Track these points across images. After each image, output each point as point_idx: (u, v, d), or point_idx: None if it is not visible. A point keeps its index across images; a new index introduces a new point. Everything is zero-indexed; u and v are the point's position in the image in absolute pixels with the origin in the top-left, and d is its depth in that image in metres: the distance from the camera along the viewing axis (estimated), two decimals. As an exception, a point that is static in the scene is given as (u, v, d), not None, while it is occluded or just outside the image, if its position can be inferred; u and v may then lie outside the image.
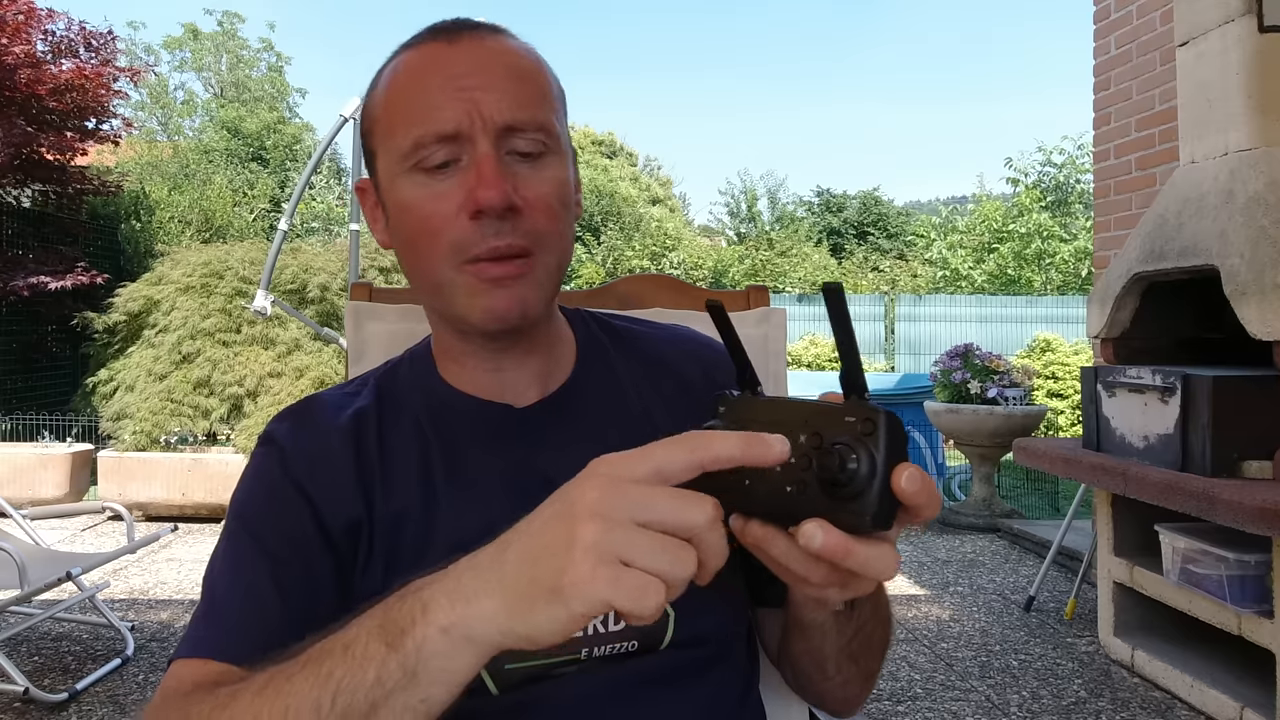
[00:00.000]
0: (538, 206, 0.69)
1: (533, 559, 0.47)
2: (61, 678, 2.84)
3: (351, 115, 3.95)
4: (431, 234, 0.68)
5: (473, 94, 0.67)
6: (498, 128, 0.67)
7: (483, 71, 0.68)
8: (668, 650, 0.70)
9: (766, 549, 0.54)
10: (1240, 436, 2.47)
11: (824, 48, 71.61)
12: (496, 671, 0.66)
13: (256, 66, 24.97)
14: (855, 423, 0.49)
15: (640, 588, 0.43)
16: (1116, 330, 3.11)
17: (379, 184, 0.74)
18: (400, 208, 0.70)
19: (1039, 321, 10.89)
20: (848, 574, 0.52)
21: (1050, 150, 16.73)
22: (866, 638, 0.72)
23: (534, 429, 0.75)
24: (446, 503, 0.71)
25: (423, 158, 0.67)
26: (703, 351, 0.85)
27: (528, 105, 0.69)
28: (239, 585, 0.67)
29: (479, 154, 0.66)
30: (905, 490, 0.48)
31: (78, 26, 7.71)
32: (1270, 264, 2.45)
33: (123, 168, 10.48)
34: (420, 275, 0.72)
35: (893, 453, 0.49)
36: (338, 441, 0.73)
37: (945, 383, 5.24)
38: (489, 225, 0.67)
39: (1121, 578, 3.05)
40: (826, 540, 0.49)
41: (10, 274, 6.73)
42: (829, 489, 0.49)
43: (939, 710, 2.72)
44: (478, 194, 0.65)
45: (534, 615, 0.46)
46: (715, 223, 23.48)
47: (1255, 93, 2.68)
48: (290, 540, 0.68)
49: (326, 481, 0.71)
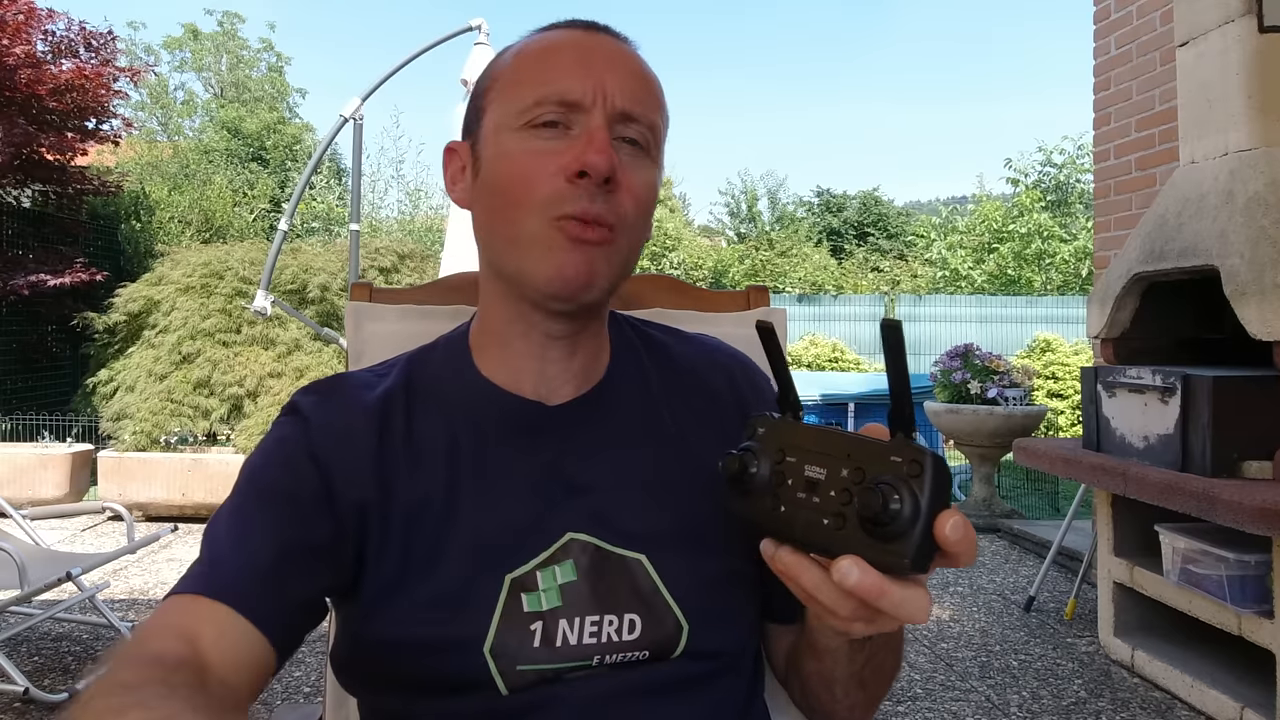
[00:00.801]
0: (630, 191, 0.71)
1: None
2: (61, 678, 2.84)
3: (352, 115, 3.94)
4: (527, 184, 0.69)
5: (601, 74, 0.70)
6: (616, 110, 0.70)
7: (613, 60, 0.72)
8: (678, 660, 0.70)
9: (796, 578, 0.53)
10: (1240, 436, 2.47)
11: (825, 48, 71.67)
12: (507, 671, 0.66)
13: (256, 66, 24.97)
14: (901, 463, 0.48)
15: None
16: (1116, 330, 3.11)
17: (479, 140, 0.74)
18: (500, 158, 0.71)
19: (1039, 321, 10.89)
20: (876, 612, 0.52)
21: (1050, 150, 16.75)
22: (878, 665, 0.72)
23: (565, 428, 0.75)
24: (469, 499, 0.71)
25: (537, 116, 0.70)
26: (729, 363, 0.85)
27: (644, 102, 0.72)
28: (236, 534, 0.67)
29: (592, 125, 0.69)
30: (949, 539, 0.48)
31: (78, 26, 7.71)
32: (1270, 264, 2.45)
33: (123, 168, 10.47)
34: (501, 227, 0.72)
35: (937, 497, 0.48)
36: (362, 421, 0.72)
37: (945, 383, 5.24)
38: (585, 190, 0.68)
39: (1121, 578, 3.05)
40: (862, 579, 0.48)
41: (10, 274, 6.73)
42: (868, 527, 0.48)
43: (939, 710, 2.72)
44: (587, 156, 0.67)
45: None
46: (715, 223, 23.47)
47: (1255, 93, 2.68)
48: (295, 503, 0.68)
49: (345, 458, 0.70)
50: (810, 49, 71.30)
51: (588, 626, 0.68)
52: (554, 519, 0.71)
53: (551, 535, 0.70)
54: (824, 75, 72.89)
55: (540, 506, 0.71)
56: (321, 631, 0.67)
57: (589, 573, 0.69)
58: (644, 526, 0.72)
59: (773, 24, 70.66)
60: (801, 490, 0.53)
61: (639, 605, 0.69)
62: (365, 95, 3.99)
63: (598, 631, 0.68)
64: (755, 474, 0.56)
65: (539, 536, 0.70)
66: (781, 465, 0.55)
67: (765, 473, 0.56)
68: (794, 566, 0.53)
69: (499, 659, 0.66)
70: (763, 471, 0.56)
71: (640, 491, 0.74)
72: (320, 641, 3.33)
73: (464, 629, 0.67)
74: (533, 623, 0.67)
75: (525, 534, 0.70)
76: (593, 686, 0.68)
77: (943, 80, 76.11)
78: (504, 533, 0.70)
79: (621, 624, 0.69)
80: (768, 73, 71.87)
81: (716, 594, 0.73)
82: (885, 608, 0.49)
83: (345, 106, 3.94)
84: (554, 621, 0.68)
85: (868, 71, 74.52)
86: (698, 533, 0.73)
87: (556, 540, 0.70)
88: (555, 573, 0.69)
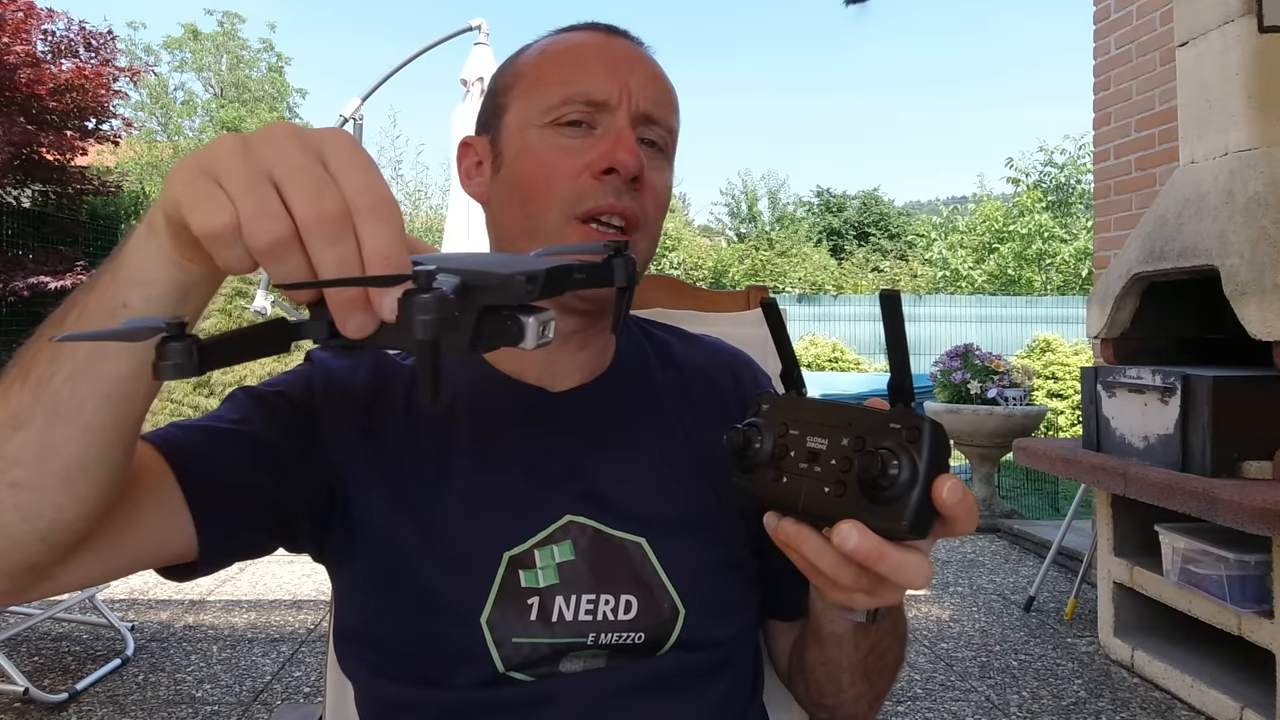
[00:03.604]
0: (652, 191, 0.73)
1: None
2: (61, 678, 2.84)
3: (352, 115, 3.95)
4: (549, 181, 0.71)
5: (627, 77, 0.72)
6: (641, 112, 0.72)
7: (637, 64, 0.74)
8: (676, 652, 0.71)
9: (798, 547, 0.54)
10: (1240, 436, 2.47)
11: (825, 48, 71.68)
12: (504, 642, 0.67)
13: (257, 67, 24.99)
14: (900, 429, 0.49)
15: (203, 198, 0.41)
16: (1116, 330, 3.11)
17: (500, 136, 0.75)
18: (523, 154, 0.73)
19: (1039, 322, 10.90)
20: (877, 579, 0.52)
21: (1052, 150, 16.76)
22: (882, 654, 0.72)
23: (567, 414, 0.76)
24: (466, 476, 0.71)
25: (563, 114, 0.71)
26: (732, 361, 0.87)
27: (664, 106, 0.75)
28: (207, 418, 0.68)
29: (618, 124, 0.71)
30: (946, 501, 0.48)
31: (78, 26, 7.71)
32: (1270, 264, 2.45)
33: (123, 168, 10.48)
34: (520, 221, 0.73)
35: (935, 462, 0.49)
36: (365, 375, 0.74)
37: (945, 383, 5.24)
38: (612, 187, 0.70)
39: (1121, 578, 3.05)
40: (861, 542, 0.49)
41: (10, 274, 6.74)
42: (868, 492, 0.49)
43: (939, 710, 2.72)
44: (617, 154, 0.69)
45: (164, 194, 0.45)
46: (715, 223, 23.49)
47: (1255, 93, 2.68)
48: (271, 409, 0.69)
49: (337, 396, 0.72)
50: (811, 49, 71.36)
51: (584, 604, 0.69)
52: (553, 501, 0.71)
53: (550, 516, 0.71)
54: (824, 75, 72.97)
55: (539, 488, 0.72)
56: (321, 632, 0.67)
57: (587, 553, 0.70)
58: (644, 511, 0.73)
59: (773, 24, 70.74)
60: (804, 461, 0.54)
61: (636, 586, 0.70)
62: (365, 95, 3.99)
63: (594, 610, 0.69)
64: (759, 447, 0.57)
65: (537, 516, 0.71)
66: (784, 438, 0.56)
67: (768, 445, 0.57)
68: (796, 536, 0.54)
69: (495, 629, 0.67)
70: (766, 444, 0.57)
71: (641, 478, 0.75)
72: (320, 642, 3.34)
73: (462, 599, 0.67)
74: (530, 597, 0.68)
75: (524, 513, 0.71)
76: (592, 682, 0.69)
77: (944, 80, 76.19)
78: (502, 511, 0.71)
79: (618, 604, 0.69)
80: (768, 73, 71.94)
81: (715, 581, 0.73)
82: (885, 572, 0.50)
83: (345, 106, 3.94)
84: (551, 598, 0.68)
85: (869, 71, 74.60)
86: (698, 522, 0.74)
87: (555, 521, 0.71)
88: (554, 552, 0.70)
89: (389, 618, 0.69)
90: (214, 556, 0.63)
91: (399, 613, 0.68)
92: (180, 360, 0.39)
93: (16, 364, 0.50)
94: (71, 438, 0.48)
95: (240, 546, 0.66)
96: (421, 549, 0.69)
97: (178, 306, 0.47)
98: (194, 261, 0.46)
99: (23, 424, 0.48)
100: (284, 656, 3.04)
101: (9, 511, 0.49)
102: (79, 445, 0.49)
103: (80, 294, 0.50)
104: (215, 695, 2.73)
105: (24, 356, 0.49)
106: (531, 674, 0.68)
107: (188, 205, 0.42)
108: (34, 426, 0.48)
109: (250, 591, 3.78)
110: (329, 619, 0.76)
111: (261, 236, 0.41)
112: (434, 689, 0.68)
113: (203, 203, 0.41)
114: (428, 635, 0.68)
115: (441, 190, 16.12)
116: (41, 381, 0.48)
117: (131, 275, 0.47)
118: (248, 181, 0.41)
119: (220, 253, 0.42)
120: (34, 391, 0.48)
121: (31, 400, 0.48)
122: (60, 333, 0.45)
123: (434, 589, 0.68)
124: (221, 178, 0.41)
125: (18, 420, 0.48)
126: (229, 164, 0.42)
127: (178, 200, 0.43)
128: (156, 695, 2.73)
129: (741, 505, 0.76)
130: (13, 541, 0.50)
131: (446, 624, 0.67)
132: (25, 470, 0.48)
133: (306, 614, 3.50)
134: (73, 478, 0.49)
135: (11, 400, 0.49)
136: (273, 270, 0.42)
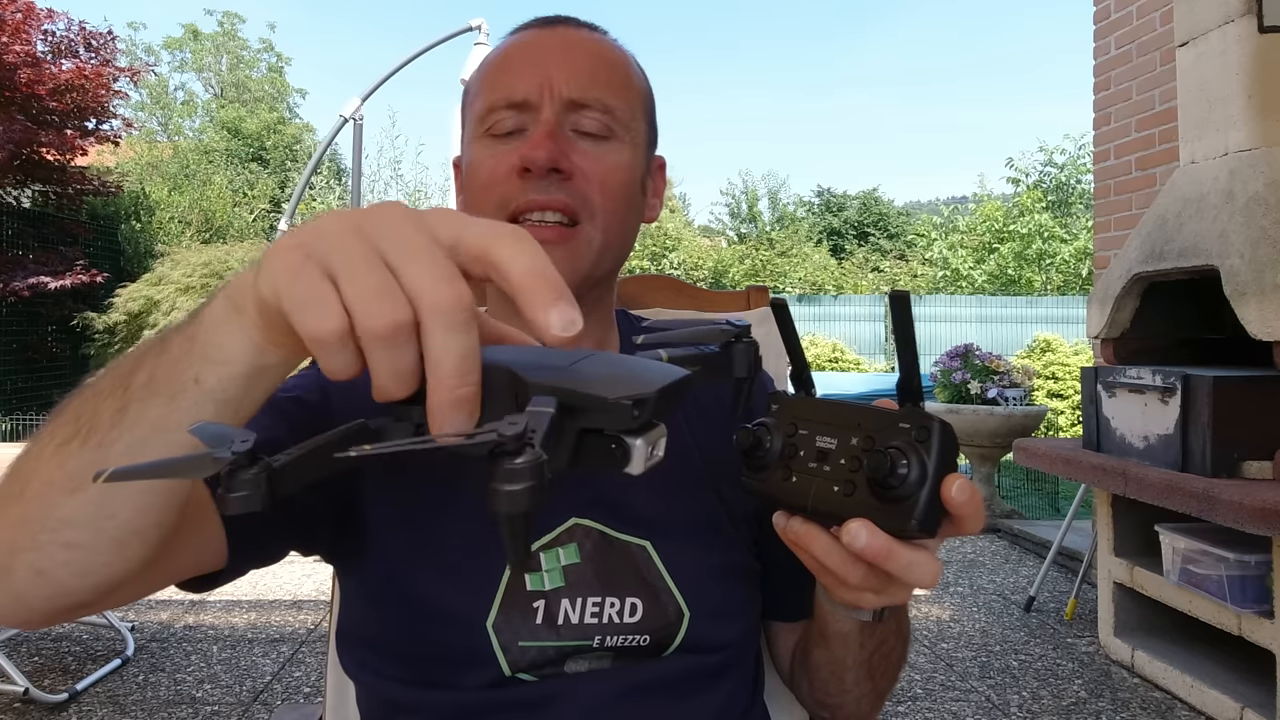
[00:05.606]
0: (591, 177, 0.71)
1: None
2: (61, 678, 2.84)
3: (352, 115, 3.95)
4: (486, 190, 0.72)
5: (548, 69, 0.71)
6: (564, 100, 0.71)
7: (564, 52, 0.73)
8: (680, 654, 0.71)
9: (807, 546, 0.54)
10: (1240, 437, 2.47)
11: (825, 48, 71.68)
12: (509, 646, 0.67)
13: (256, 67, 24.99)
14: (910, 429, 0.50)
15: (312, 298, 0.37)
16: (1116, 330, 3.11)
17: (463, 153, 0.77)
18: (470, 168, 0.74)
19: (1039, 322, 10.90)
20: (886, 578, 0.52)
21: (1052, 150, 16.76)
22: (886, 654, 0.72)
23: None
24: (470, 481, 0.71)
25: (494, 123, 0.72)
26: None
27: (598, 86, 0.73)
28: None
29: (543, 120, 0.71)
30: (954, 500, 0.49)
31: (77, 26, 7.72)
32: (1270, 264, 2.45)
33: (123, 168, 10.48)
34: None
35: (944, 462, 0.49)
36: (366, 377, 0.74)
37: (945, 383, 5.24)
38: (534, 184, 0.69)
39: (1121, 578, 3.05)
40: (870, 540, 0.49)
41: (10, 274, 6.74)
42: (877, 491, 0.50)
43: (939, 710, 2.72)
44: (523, 151, 0.69)
45: (259, 276, 0.40)
46: (716, 223, 23.47)
47: (1255, 93, 2.68)
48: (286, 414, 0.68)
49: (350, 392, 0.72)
50: (811, 49, 71.35)
51: (589, 607, 0.69)
52: (558, 503, 0.71)
53: (555, 519, 0.71)
54: (825, 75, 72.94)
55: None
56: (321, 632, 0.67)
57: (592, 556, 0.70)
58: (649, 514, 0.73)
59: (774, 24, 70.73)
60: (813, 460, 0.54)
61: (641, 589, 0.70)
62: (365, 95, 3.99)
63: (599, 612, 0.69)
64: (769, 447, 0.57)
65: (544, 519, 0.71)
66: (794, 438, 0.56)
67: (778, 445, 0.57)
68: (804, 535, 0.54)
69: (501, 634, 0.67)
70: (775, 444, 0.57)
71: (647, 482, 0.74)
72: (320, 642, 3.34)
73: (467, 603, 0.67)
74: (535, 600, 0.68)
75: None
76: (597, 684, 0.69)
77: (944, 80, 76.18)
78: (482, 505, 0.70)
79: (623, 606, 0.69)
80: (768, 73, 71.93)
81: (719, 584, 0.73)
82: (893, 570, 0.50)
83: (345, 107, 3.94)
84: (556, 601, 0.68)
85: (868, 71, 74.58)
86: (702, 525, 0.74)
87: (560, 524, 0.71)
88: (559, 554, 0.70)
89: (394, 621, 0.69)
90: (239, 569, 0.63)
91: (405, 616, 0.68)
92: (249, 492, 0.35)
93: (74, 418, 0.47)
94: (129, 503, 0.47)
95: (263, 556, 0.66)
96: (428, 554, 0.69)
97: (251, 387, 0.45)
98: (281, 348, 0.43)
99: (80, 486, 0.46)
100: (284, 656, 3.04)
101: (61, 569, 0.48)
102: (136, 511, 0.47)
103: (150, 355, 0.47)
104: (215, 695, 2.73)
105: (84, 411, 0.47)
106: (537, 674, 0.68)
107: (292, 301, 0.38)
108: (92, 491, 0.46)
109: (250, 591, 3.78)
110: (329, 619, 0.76)
111: (379, 318, 0.36)
112: (439, 690, 0.68)
113: (313, 303, 0.37)
114: (433, 640, 0.68)
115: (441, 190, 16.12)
116: (102, 446, 0.46)
117: (208, 352, 0.44)
118: (365, 261, 0.37)
119: (326, 358, 0.38)
120: (93, 456, 0.46)
121: (91, 464, 0.45)
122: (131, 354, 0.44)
123: (440, 593, 0.68)
124: (331, 264, 0.37)
125: (75, 482, 0.46)
126: (338, 244, 0.38)
127: (279, 291, 0.38)
128: (157, 695, 2.73)
129: (747, 506, 0.76)
130: (63, 591, 0.49)
131: (452, 629, 0.67)
132: (80, 532, 0.47)
133: (306, 614, 3.50)
134: (128, 542, 0.48)
135: (70, 460, 0.46)
136: (383, 361, 0.38)
